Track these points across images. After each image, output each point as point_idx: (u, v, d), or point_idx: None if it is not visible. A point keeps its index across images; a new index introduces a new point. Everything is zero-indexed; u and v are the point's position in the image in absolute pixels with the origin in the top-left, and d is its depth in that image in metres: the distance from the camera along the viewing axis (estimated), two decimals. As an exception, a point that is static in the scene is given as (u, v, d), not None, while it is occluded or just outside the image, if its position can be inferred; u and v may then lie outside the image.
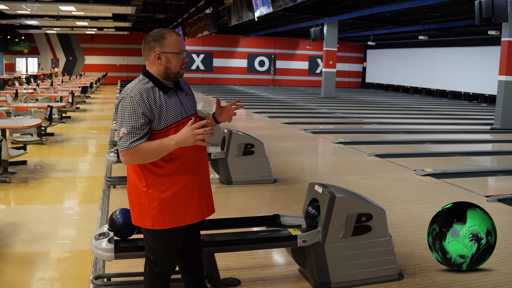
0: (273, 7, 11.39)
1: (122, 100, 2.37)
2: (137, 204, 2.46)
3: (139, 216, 2.47)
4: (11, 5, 15.97)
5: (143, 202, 2.43)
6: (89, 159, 7.92)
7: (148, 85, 2.40)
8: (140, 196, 2.44)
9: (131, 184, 2.49)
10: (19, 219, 4.71)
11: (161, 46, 2.40)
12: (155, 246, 2.50)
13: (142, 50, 2.46)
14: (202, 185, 2.52)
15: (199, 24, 20.65)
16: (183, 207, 2.46)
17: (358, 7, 19.10)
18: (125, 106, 2.34)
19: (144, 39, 2.46)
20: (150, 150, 2.32)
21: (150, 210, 2.42)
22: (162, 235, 2.47)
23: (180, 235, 2.54)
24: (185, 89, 2.59)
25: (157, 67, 2.43)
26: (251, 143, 6.12)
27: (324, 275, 3.26)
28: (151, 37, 2.42)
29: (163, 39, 2.40)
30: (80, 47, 30.86)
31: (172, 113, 2.41)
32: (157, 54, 2.40)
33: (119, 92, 19.57)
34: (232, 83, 33.17)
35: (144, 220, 2.45)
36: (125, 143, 2.32)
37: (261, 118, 14.01)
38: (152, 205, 2.41)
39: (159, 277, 2.56)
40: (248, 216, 4.44)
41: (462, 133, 12.32)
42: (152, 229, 2.46)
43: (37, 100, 12.64)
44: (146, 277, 2.59)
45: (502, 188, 6.92)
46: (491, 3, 10.93)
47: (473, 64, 23.86)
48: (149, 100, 2.35)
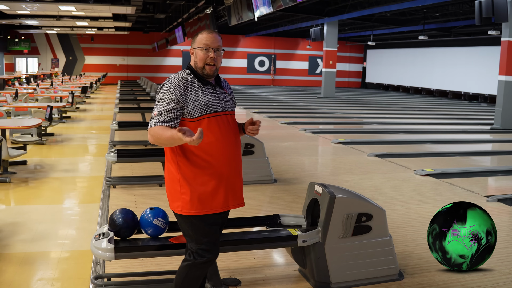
0: (273, 7, 11.39)
1: (161, 86, 2.59)
2: (171, 189, 2.62)
3: (171, 200, 2.63)
4: (11, 5, 15.97)
5: (176, 187, 2.59)
6: (89, 159, 7.92)
7: (189, 76, 2.62)
8: (173, 182, 2.60)
9: (167, 170, 2.65)
10: (19, 219, 4.71)
11: (194, 43, 2.66)
12: (190, 232, 2.62)
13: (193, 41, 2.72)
14: (232, 178, 2.64)
15: (199, 24, 20.64)
16: (210, 197, 2.57)
17: (358, 7, 19.10)
18: (162, 91, 2.56)
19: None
20: (164, 135, 2.42)
21: (181, 195, 2.57)
22: (195, 222, 2.58)
23: (212, 223, 2.62)
24: (226, 88, 2.76)
25: (192, 61, 2.67)
26: (251, 143, 6.12)
27: (324, 275, 3.26)
28: (193, 37, 2.70)
29: (196, 37, 2.65)
30: (80, 47, 30.86)
31: (208, 104, 2.57)
32: (191, 50, 2.69)
33: (119, 92, 19.57)
34: (232, 83, 33.10)
35: (175, 205, 2.60)
36: (151, 122, 2.51)
37: (261, 118, 14.00)
38: (183, 190, 2.56)
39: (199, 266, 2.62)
40: (248, 216, 4.44)
41: (462, 133, 12.32)
42: (184, 215, 2.58)
43: (37, 100, 12.64)
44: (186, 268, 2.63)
45: (502, 188, 6.92)
46: (491, 3, 10.93)
47: (473, 64, 23.86)
48: (185, 88, 2.55)
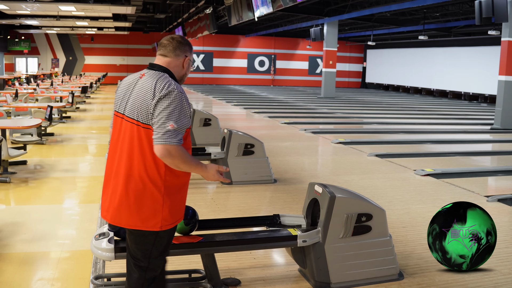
0: (273, 7, 11.40)
1: (170, 92, 2.34)
2: (144, 202, 2.38)
3: (144, 218, 2.39)
4: (11, 5, 15.97)
5: (155, 199, 2.38)
6: (89, 159, 7.92)
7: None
8: (150, 193, 2.38)
9: (145, 184, 2.38)
10: (19, 219, 4.71)
11: (190, 53, 2.54)
12: (151, 250, 2.45)
13: (173, 49, 2.48)
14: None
15: (199, 24, 20.66)
16: (183, 206, 2.52)
17: (358, 7, 19.11)
18: (176, 101, 2.33)
19: (177, 39, 2.51)
20: (192, 162, 2.37)
21: (162, 208, 2.39)
22: (162, 236, 2.45)
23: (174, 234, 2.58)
24: None
25: (180, 70, 2.53)
26: (251, 143, 6.12)
27: (324, 275, 3.26)
28: (186, 42, 2.53)
29: (191, 48, 2.54)
30: (80, 47, 30.86)
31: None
32: (188, 59, 2.52)
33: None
34: (232, 83, 33.17)
35: (153, 222, 2.39)
36: (175, 138, 2.30)
37: (261, 118, 14.01)
38: (165, 202, 2.39)
39: (149, 283, 2.49)
40: (248, 216, 4.44)
41: (462, 133, 12.33)
42: (155, 231, 2.41)
43: (37, 100, 12.64)
44: (136, 285, 2.48)
45: (502, 188, 6.92)
46: (491, 3, 10.93)
47: (473, 64, 23.86)
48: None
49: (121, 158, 2.42)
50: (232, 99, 20.22)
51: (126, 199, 2.39)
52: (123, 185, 2.40)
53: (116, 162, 2.46)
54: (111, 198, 2.45)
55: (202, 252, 3.14)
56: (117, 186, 2.42)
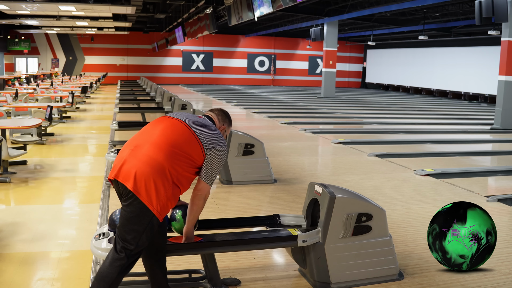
0: (273, 7, 11.38)
1: (222, 146, 2.85)
2: (162, 190, 2.64)
3: (154, 199, 2.63)
4: (11, 5, 15.96)
5: (168, 192, 2.67)
6: (89, 159, 7.92)
7: None
8: (165, 187, 2.67)
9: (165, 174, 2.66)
10: (19, 219, 4.71)
11: (228, 127, 3.14)
12: (142, 234, 2.65)
13: (224, 117, 3.08)
14: None
15: (199, 24, 20.63)
16: (167, 211, 2.79)
17: (358, 7, 19.11)
18: (222, 155, 2.86)
19: (226, 113, 3.13)
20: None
21: (164, 202, 2.66)
22: (155, 224, 2.68)
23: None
24: None
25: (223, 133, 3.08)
26: (251, 143, 6.12)
27: (324, 275, 3.26)
28: (228, 118, 3.14)
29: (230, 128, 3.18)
30: (80, 47, 30.86)
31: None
32: (223, 128, 3.08)
33: (119, 92, 19.57)
34: (232, 83, 33.17)
35: (155, 204, 2.63)
36: (212, 182, 2.84)
37: (261, 118, 14.01)
38: (168, 201, 2.69)
39: (129, 267, 2.70)
40: (248, 216, 4.44)
41: (462, 133, 12.32)
42: (151, 213, 2.63)
43: (37, 100, 12.63)
44: (117, 264, 2.64)
45: (502, 188, 6.92)
46: (491, 3, 10.93)
47: (473, 64, 23.86)
48: None
49: (160, 139, 2.70)
50: (232, 99, 20.23)
51: (146, 173, 2.62)
52: (148, 161, 2.64)
53: (151, 137, 2.73)
54: (132, 163, 2.65)
55: (202, 252, 3.14)
56: (143, 157, 2.65)
